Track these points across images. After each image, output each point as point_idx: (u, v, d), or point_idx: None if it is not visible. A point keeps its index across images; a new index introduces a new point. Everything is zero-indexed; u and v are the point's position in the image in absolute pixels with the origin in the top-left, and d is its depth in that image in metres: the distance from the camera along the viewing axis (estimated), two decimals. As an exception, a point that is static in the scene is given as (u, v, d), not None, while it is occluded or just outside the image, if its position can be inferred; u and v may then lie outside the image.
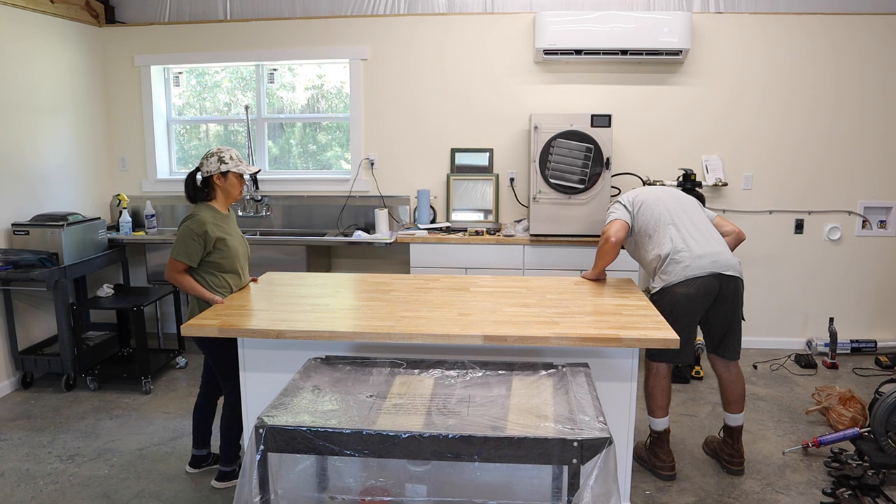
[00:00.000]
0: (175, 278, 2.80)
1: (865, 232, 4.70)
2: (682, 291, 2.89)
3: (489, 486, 2.01)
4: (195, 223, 2.77)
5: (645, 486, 2.98)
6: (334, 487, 2.07)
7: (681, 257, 2.92)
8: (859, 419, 3.37)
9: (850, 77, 4.54)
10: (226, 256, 2.85)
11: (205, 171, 2.85)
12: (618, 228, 3.06)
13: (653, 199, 3.10)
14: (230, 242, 2.87)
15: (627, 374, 2.54)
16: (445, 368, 2.30)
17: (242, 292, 2.96)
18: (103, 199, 5.05)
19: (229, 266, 2.88)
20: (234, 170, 2.85)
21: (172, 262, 2.79)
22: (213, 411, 3.09)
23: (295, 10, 4.84)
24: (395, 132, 4.88)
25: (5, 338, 4.06)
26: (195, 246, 2.76)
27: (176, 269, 2.79)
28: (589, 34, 4.33)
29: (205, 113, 5.26)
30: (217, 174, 2.84)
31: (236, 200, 2.88)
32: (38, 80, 4.33)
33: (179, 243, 2.77)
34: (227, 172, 2.85)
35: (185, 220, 2.81)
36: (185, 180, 2.89)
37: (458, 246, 4.33)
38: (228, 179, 2.87)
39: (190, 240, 2.76)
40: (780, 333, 4.85)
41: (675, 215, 3.03)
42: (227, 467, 2.96)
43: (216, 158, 2.83)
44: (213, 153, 2.84)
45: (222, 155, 2.84)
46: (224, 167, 2.83)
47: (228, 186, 2.88)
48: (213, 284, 2.85)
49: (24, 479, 3.06)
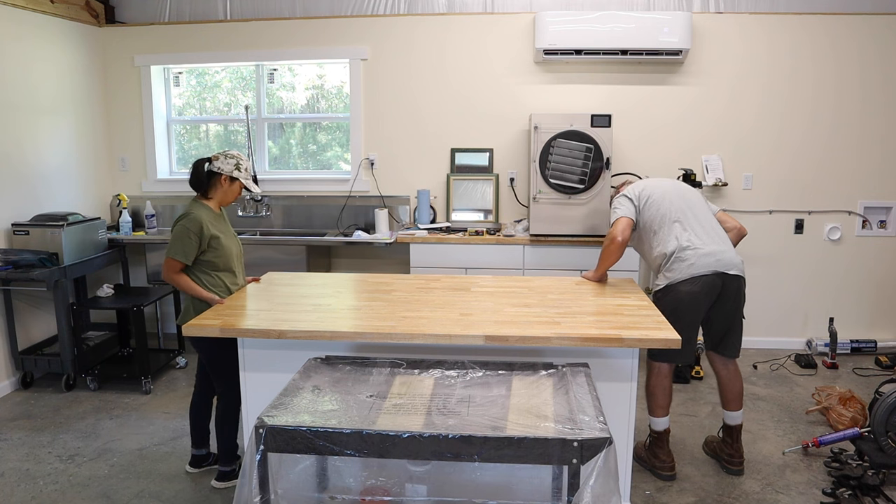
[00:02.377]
0: (173, 278, 2.81)
1: (865, 232, 4.70)
2: (686, 290, 2.89)
3: (489, 486, 2.01)
4: (190, 221, 2.79)
5: (645, 486, 2.98)
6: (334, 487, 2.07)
7: (686, 255, 2.92)
8: (859, 419, 3.37)
9: (850, 77, 4.54)
10: (220, 255, 2.87)
11: (217, 167, 2.86)
12: (624, 227, 3.04)
13: (659, 194, 3.09)
14: (224, 241, 2.89)
15: (627, 374, 2.54)
16: (445, 368, 2.30)
17: (242, 292, 2.96)
18: (103, 199, 5.05)
19: (224, 265, 2.89)
20: (244, 181, 2.92)
21: (170, 262, 2.79)
22: (209, 410, 3.09)
23: (295, 10, 4.84)
24: (395, 132, 4.88)
25: (5, 338, 4.06)
26: (191, 244, 2.78)
27: (174, 269, 2.80)
28: (589, 34, 4.33)
29: (205, 113, 5.26)
30: (227, 176, 2.88)
31: (227, 206, 2.93)
32: (38, 80, 4.33)
33: (176, 242, 2.78)
34: (237, 180, 2.91)
35: (178, 219, 2.82)
36: (193, 165, 2.90)
37: (458, 246, 4.33)
38: (234, 185, 2.92)
39: (186, 238, 2.77)
40: (780, 333, 4.85)
41: (681, 212, 3.03)
42: (227, 467, 2.96)
43: (234, 162, 2.88)
44: (233, 156, 2.88)
45: (240, 163, 2.90)
46: (237, 174, 2.88)
47: (230, 191, 2.93)
48: (208, 284, 2.85)
49: (24, 479, 3.06)
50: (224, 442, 2.94)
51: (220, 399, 2.91)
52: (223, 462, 2.96)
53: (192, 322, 2.49)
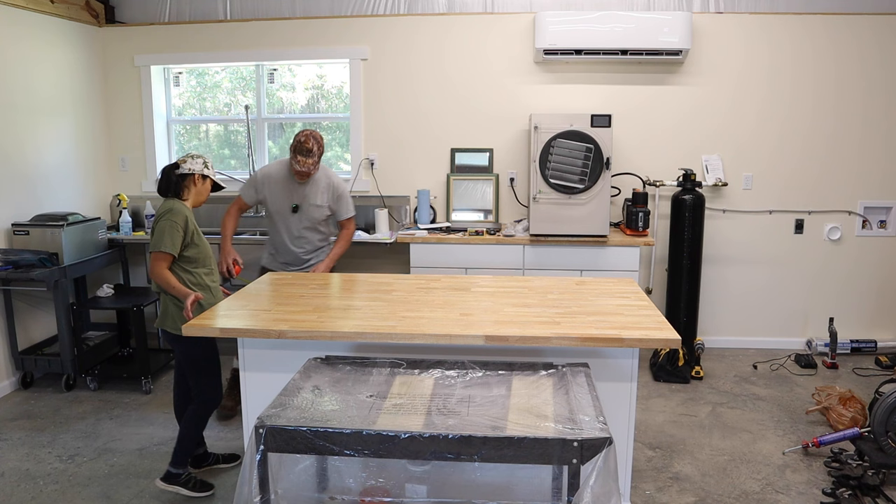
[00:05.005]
0: (163, 275, 2.78)
1: (865, 232, 4.70)
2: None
3: (489, 486, 2.01)
4: (175, 214, 2.81)
5: (645, 486, 2.98)
6: (334, 487, 2.07)
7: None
8: (859, 419, 3.37)
9: (850, 77, 4.54)
10: (200, 251, 2.90)
11: (188, 168, 2.90)
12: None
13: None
14: (202, 237, 2.94)
15: (627, 374, 2.54)
16: (445, 368, 2.30)
17: (242, 292, 2.96)
18: (103, 199, 5.05)
19: (203, 261, 2.92)
20: (214, 178, 2.99)
21: (159, 256, 2.78)
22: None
23: (295, 10, 4.84)
24: (395, 132, 4.88)
25: (5, 338, 4.06)
26: (178, 236, 2.80)
27: (165, 263, 2.79)
28: (589, 34, 4.33)
29: (205, 113, 5.26)
30: (199, 175, 2.93)
31: (199, 206, 2.98)
32: (38, 80, 4.33)
33: (164, 236, 2.77)
34: (207, 178, 2.96)
35: (160, 216, 2.82)
36: (163, 170, 2.91)
37: (458, 246, 4.33)
38: (205, 184, 2.97)
39: (174, 231, 2.78)
40: (780, 333, 4.85)
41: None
42: (176, 469, 2.88)
43: (202, 161, 2.94)
44: (200, 156, 2.95)
45: (206, 162, 2.97)
46: (207, 171, 2.95)
47: (203, 190, 2.97)
48: (189, 282, 2.87)
49: (24, 479, 3.06)
50: (182, 443, 2.87)
51: (196, 399, 2.88)
52: (173, 462, 2.88)
53: (192, 322, 2.48)
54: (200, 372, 2.87)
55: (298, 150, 3.41)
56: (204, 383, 2.88)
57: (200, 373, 2.87)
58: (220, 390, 2.96)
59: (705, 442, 3.40)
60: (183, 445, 2.89)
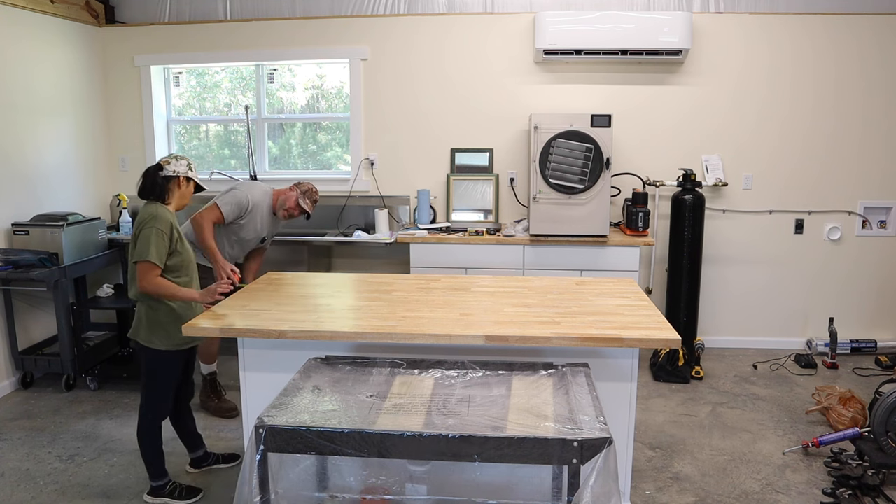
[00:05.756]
0: (155, 283, 2.66)
1: (865, 232, 4.70)
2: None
3: (489, 486, 2.01)
4: (160, 222, 2.69)
5: (645, 486, 2.98)
6: (334, 487, 2.07)
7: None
8: (859, 419, 3.37)
9: (850, 77, 4.54)
10: (183, 259, 2.79)
11: (173, 171, 2.79)
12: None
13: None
14: (185, 244, 2.82)
15: (627, 374, 2.54)
16: (445, 368, 2.30)
17: (242, 292, 2.96)
18: (103, 199, 5.05)
19: (185, 269, 2.80)
20: (197, 181, 2.91)
21: (148, 266, 2.65)
22: (183, 414, 3.04)
23: (295, 10, 4.84)
24: (395, 132, 4.88)
25: (5, 338, 4.06)
26: (164, 245, 2.68)
27: (155, 274, 2.67)
28: (589, 34, 4.33)
29: (205, 113, 5.26)
30: (183, 177, 2.83)
31: (181, 209, 2.90)
32: (38, 80, 4.33)
33: (150, 245, 2.64)
34: (191, 180, 2.88)
35: (143, 222, 2.68)
36: (146, 172, 2.79)
37: (458, 246, 4.33)
38: (189, 186, 2.88)
39: (160, 239, 2.67)
40: (780, 333, 4.85)
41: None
42: (157, 481, 2.87)
43: (185, 163, 2.84)
44: (183, 157, 2.85)
45: (190, 163, 2.87)
46: (191, 174, 2.86)
47: (187, 192, 2.87)
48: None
49: (24, 479, 3.06)
50: (147, 457, 2.84)
51: (140, 410, 2.82)
52: (151, 476, 2.87)
53: (190, 323, 2.48)
54: (153, 388, 2.80)
55: (311, 198, 3.83)
56: (151, 398, 2.80)
57: (153, 389, 2.80)
58: (166, 408, 2.86)
59: (705, 442, 3.40)
60: (148, 460, 2.85)
